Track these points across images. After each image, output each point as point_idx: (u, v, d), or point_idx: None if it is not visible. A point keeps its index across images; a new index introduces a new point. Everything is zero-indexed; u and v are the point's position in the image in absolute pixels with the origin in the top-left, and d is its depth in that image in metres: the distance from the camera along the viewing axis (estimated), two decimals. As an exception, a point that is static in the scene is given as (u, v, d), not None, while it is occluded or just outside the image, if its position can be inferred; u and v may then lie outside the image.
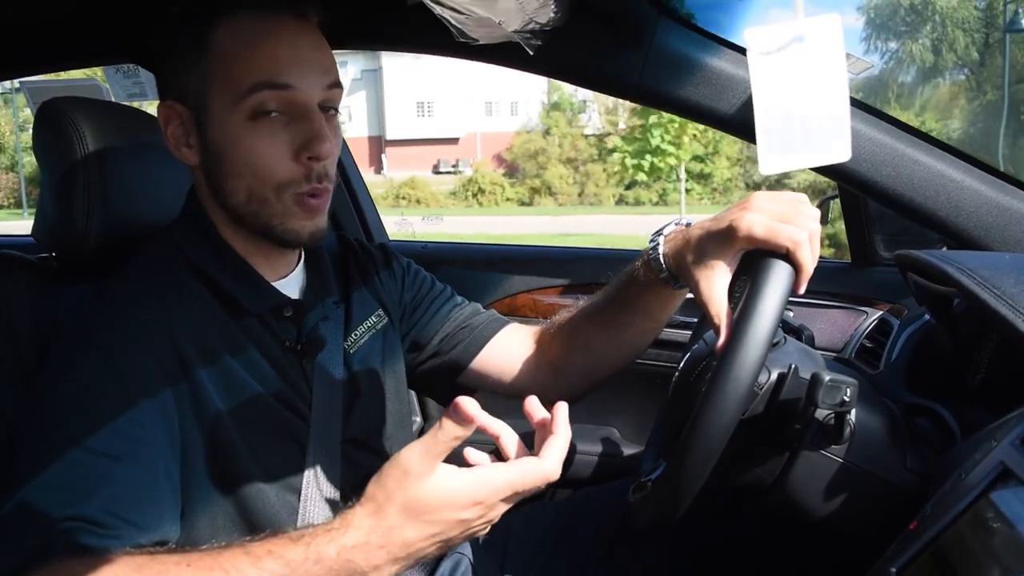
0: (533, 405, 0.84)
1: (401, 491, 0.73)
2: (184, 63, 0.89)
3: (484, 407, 0.74)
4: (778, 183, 25.33)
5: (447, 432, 0.72)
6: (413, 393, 1.86)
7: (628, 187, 26.99)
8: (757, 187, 26.48)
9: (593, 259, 1.92)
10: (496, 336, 1.17)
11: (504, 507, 0.78)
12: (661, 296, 1.03)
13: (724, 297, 0.86)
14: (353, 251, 1.15)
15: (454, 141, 30.10)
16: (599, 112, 27.99)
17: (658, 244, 0.97)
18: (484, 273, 1.90)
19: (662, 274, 0.97)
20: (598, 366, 1.14)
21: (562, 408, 0.81)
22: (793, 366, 0.86)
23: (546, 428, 0.81)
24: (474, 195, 26.26)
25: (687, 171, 26.09)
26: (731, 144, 27.00)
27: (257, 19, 0.88)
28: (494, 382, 1.17)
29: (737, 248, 0.86)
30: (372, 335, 1.10)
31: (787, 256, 0.80)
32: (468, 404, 0.71)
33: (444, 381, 1.19)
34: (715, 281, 0.87)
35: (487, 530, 0.79)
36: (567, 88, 27.81)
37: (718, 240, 0.87)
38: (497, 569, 1.19)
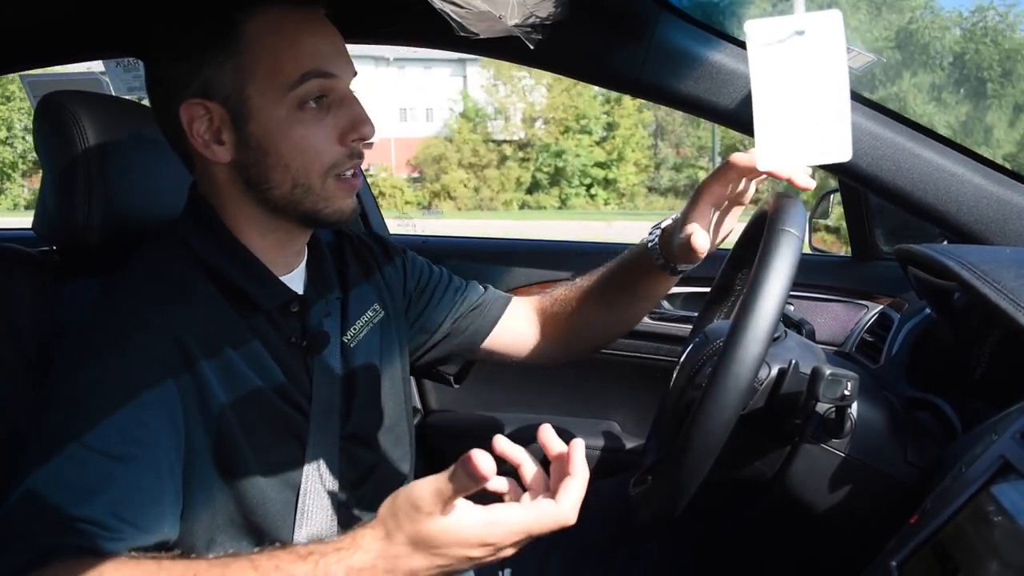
0: (549, 437, 0.81)
1: (411, 524, 0.72)
2: (212, 59, 0.87)
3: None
4: (693, 187, 26.26)
5: (459, 479, 0.70)
6: (414, 386, 1.87)
7: (529, 191, 27.87)
8: (664, 192, 27.42)
9: (594, 253, 1.91)
10: (503, 316, 1.23)
11: (514, 548, 0.77)
12: (658, 281, 1.13)
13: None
14: (351, 243, 1.16)
15: (368, 146, 29.46)
16: (504, 121, 28.46)
17: (656, 236, 1.08)
18: (485, 267, 1.90)
19: (659, 261, 1.08)
20: (593, 339, 1.25)
21: (578, 446, 0.79)
22: (793, 361, 0.86)
23: (563, 462, 0.79)
24: (374, 198, 26.35)
25: (591, 177, 27.26)
26: (636, 150, 27.92)
27: (285, 13, 0.89)
28: (500, 356, 1.24)
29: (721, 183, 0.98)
30: (369, 330, 1.10)
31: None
32: (482, 461, 0.69)
33: (454, 360, 1.26)
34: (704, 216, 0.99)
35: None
36: (481, 97, 28.48)
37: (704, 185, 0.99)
38: (497, 564, 1.19)
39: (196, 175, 0.98)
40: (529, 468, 0.81)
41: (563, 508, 0.76)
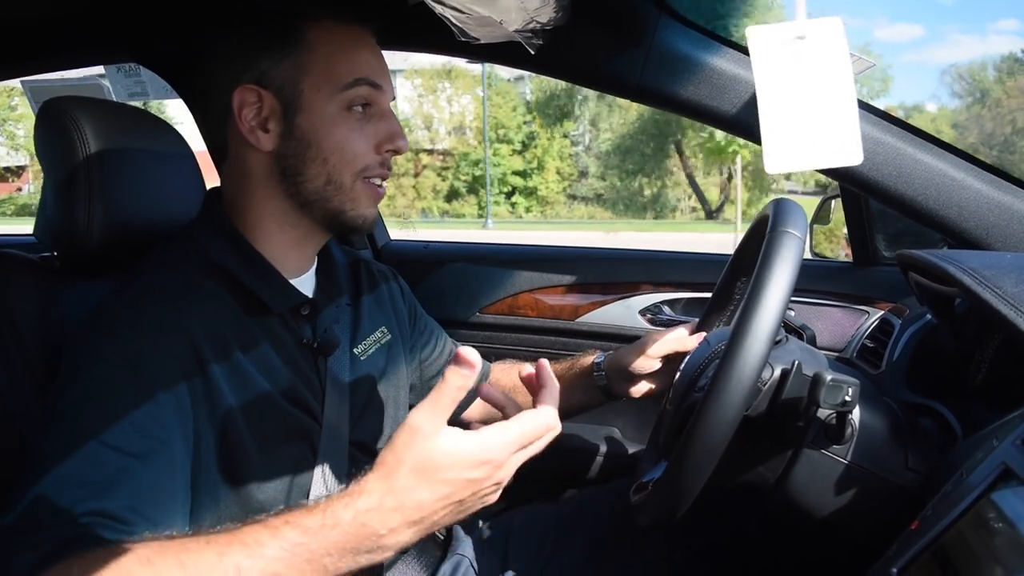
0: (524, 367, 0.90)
1: (410, 451, 0.73)
2: (272, 52, 0.94)
3: None
4: (618, 194, 26.99)
5: (450, 384, 0.72)
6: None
7: (448, 200, 28.39)
8: (586, 200, 28.12)
9: (593, 259, 1.91)
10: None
11: (512, 467, 0.77)
12: (592, 398, 1.31)
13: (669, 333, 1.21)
14: (366, 266, 1.21)
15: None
16: (427, 131, 28.85)
17: (603, 374, 1.27)
18: (486, 271, 1.89)
19: (600, 382, 1.28)
20: None
21: (543, 363, 0.87)
22: (797, 362, 0.85)
23: (534, 380, 0.86)
24: (374, 204, 26.89)
25: (511, 185, 27.90)
26: (556, 159, 28.45)
27: (344, 27, 0.97)
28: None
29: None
30: (378, 348, 1.13)
31: None
32: (470, 353, 0.72)
33: None
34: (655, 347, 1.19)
35: (498, 495, 0.79)
36: (407, 109, 28.71)
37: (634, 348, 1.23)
38: (498, 569, 1.19)
39: (228, 164, 1.00)
40: (511, 407, 0.88)
41: (543, 413, 0.79)
